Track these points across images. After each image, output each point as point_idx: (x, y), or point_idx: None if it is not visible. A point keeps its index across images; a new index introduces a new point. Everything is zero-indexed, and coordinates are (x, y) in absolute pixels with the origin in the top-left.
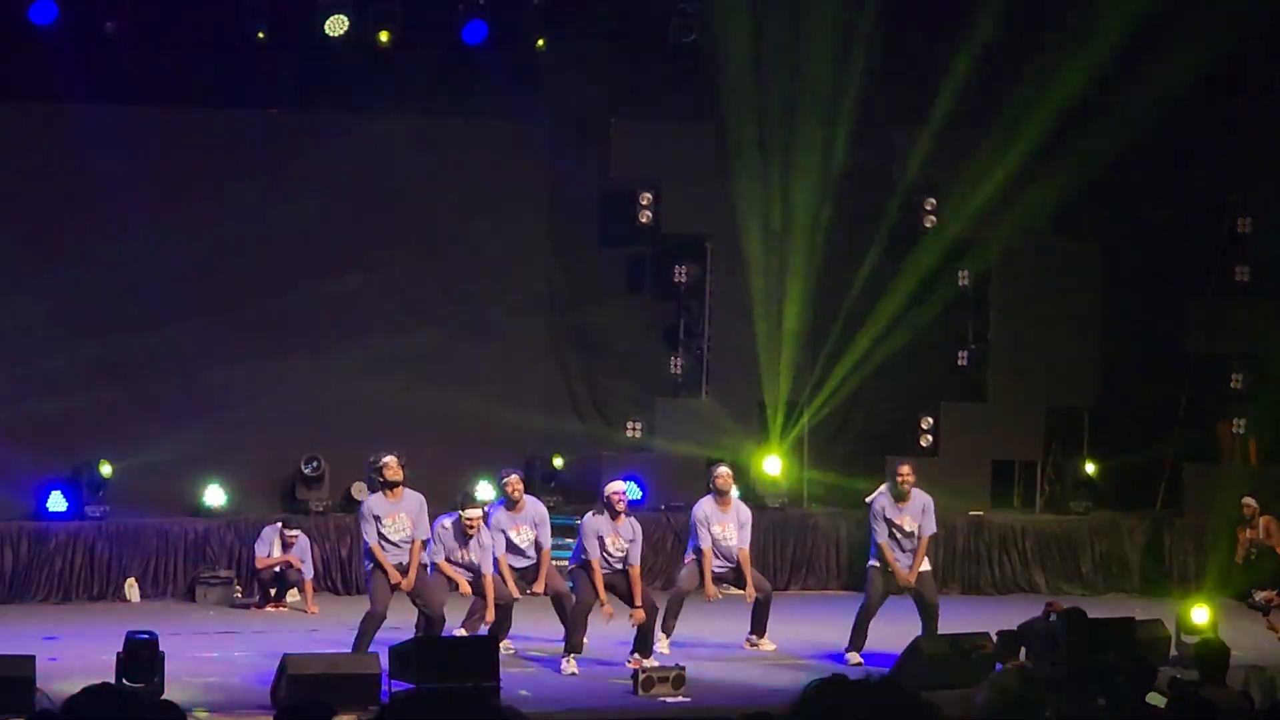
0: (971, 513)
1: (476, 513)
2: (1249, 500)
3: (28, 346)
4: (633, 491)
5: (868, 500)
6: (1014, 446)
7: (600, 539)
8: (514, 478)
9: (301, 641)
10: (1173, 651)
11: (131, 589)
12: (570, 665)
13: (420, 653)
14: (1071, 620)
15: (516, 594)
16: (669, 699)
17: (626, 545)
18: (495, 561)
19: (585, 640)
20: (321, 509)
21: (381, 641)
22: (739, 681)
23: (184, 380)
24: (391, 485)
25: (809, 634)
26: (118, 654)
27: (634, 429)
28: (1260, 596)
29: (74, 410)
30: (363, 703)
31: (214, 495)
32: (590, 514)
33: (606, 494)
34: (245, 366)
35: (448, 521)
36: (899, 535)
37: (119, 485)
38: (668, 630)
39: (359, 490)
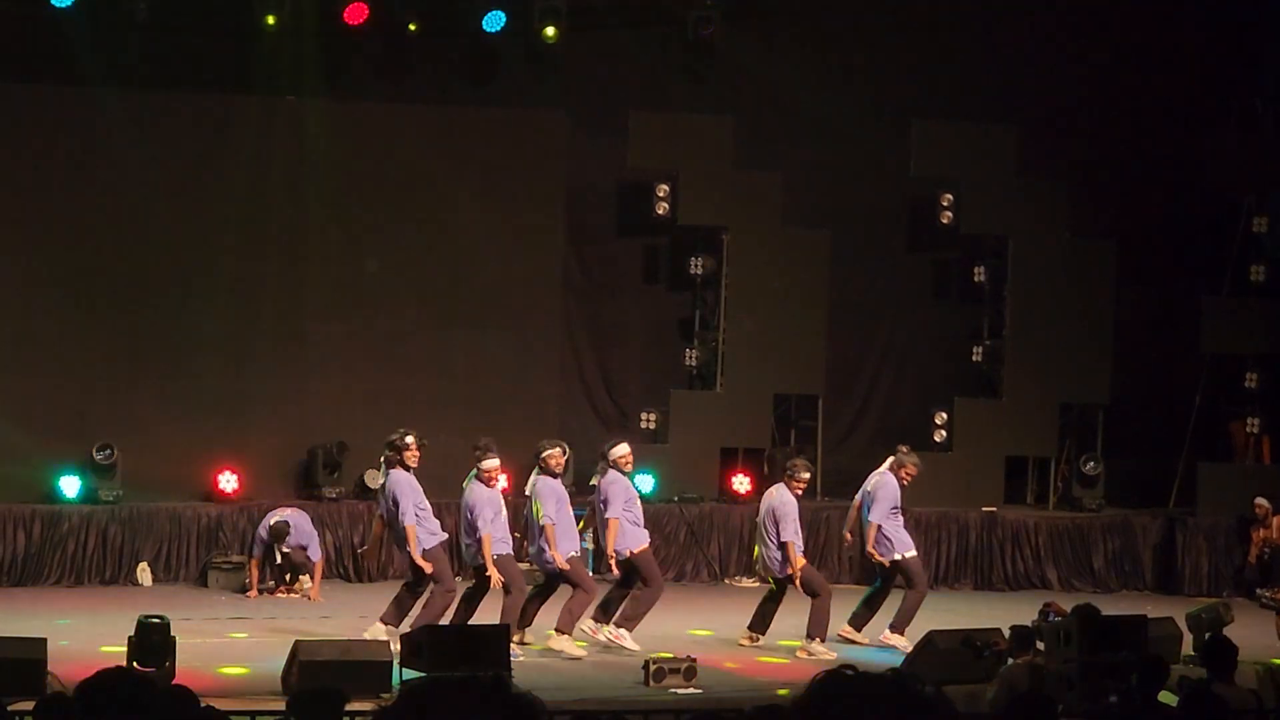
0: (985, 508)
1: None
2: (1261, 501)
3: (43, 330)
4: (645, 483)
5: (874, 487)
6: (1028, 443)
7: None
8: (557, 450)
9: (314, 627)
10: (1188, 650)
11: (144, 573)
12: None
13: (432, 641)
14: (1084, 617)
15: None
16: (680, 690)
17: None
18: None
19: None
20: (335, 495)
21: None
22: (751, 674)
23: (199, 365)
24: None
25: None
26: (129, 638)
27: (648, 420)
28: (1266, 595)
29: (88, 394)
30: (374, 690)
31: (227, 481)
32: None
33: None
34: (260, 352)
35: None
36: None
37: (132, 470)
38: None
39: (372, 477)
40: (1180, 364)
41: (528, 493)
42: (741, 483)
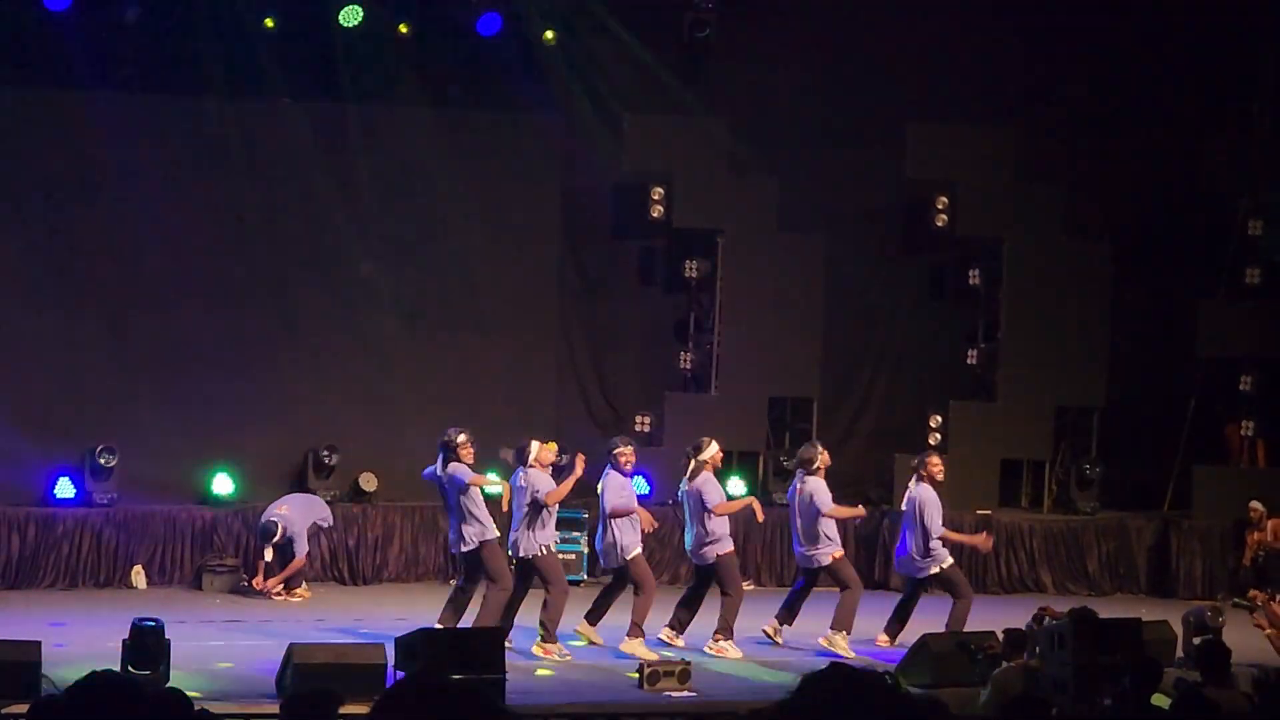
0: (979, 511)
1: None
2: (1256, 504)
3: (38, 333)
4: (640, 486)
5: (916, 494)
6: (1023, 446)
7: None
8: (630, 448)
9: (308, 631)
10: (1178, 653)
11: (138, 576)
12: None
13: (426, 644)
14: (1079, 620)
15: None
16: (674, 693)
17: None
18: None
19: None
20: (329, 499)
21: (384, 632)
22: (745, 677)
23: (193, 368)
24: None
25: (815, 630)
26: (124, 641)
27: (643, 423)
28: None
29: (83, 397)
30: (369, 693)
31: (222, 483)
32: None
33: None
34: (255, 355)
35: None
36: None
37: (127, 472)
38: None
39: (367, 480)
40: (1176, 367)
41: (600, 489)
42: (736, 486)
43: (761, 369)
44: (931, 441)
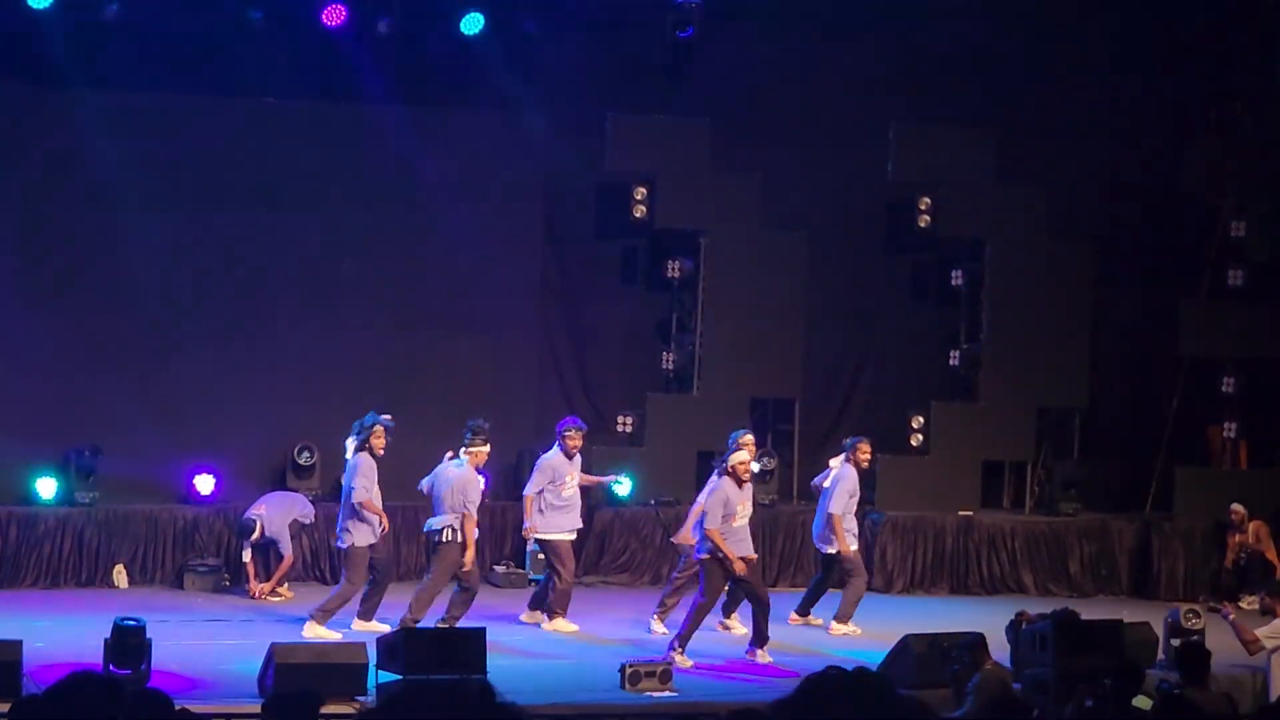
0: (961, 512)
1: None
2: (1237, 506)
3: (18, 331)
4: (622, 486)
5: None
6: (1005, 447)
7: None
8: (574, 429)
9: (289, 631)
10: (1159, 655)
11: (120, 576)
12: None
13: (408, 644)
14: (1060, 622)
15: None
16: (656, 694)
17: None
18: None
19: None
20: (311, 498)
21: (366, 631)
22: (726, 677)
23: (175, 367)
24: None
25: (796, 630)
26: (105, 640)
27: (625, 423)
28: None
29: (65, 396)
30: (350, 693)
31: (203, 483)
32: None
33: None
34: (237, 354)
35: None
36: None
37: (109, 472)
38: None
39: None
40: (1158, 368)
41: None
42: None
43: (744, 369)
44: (914, 442)
